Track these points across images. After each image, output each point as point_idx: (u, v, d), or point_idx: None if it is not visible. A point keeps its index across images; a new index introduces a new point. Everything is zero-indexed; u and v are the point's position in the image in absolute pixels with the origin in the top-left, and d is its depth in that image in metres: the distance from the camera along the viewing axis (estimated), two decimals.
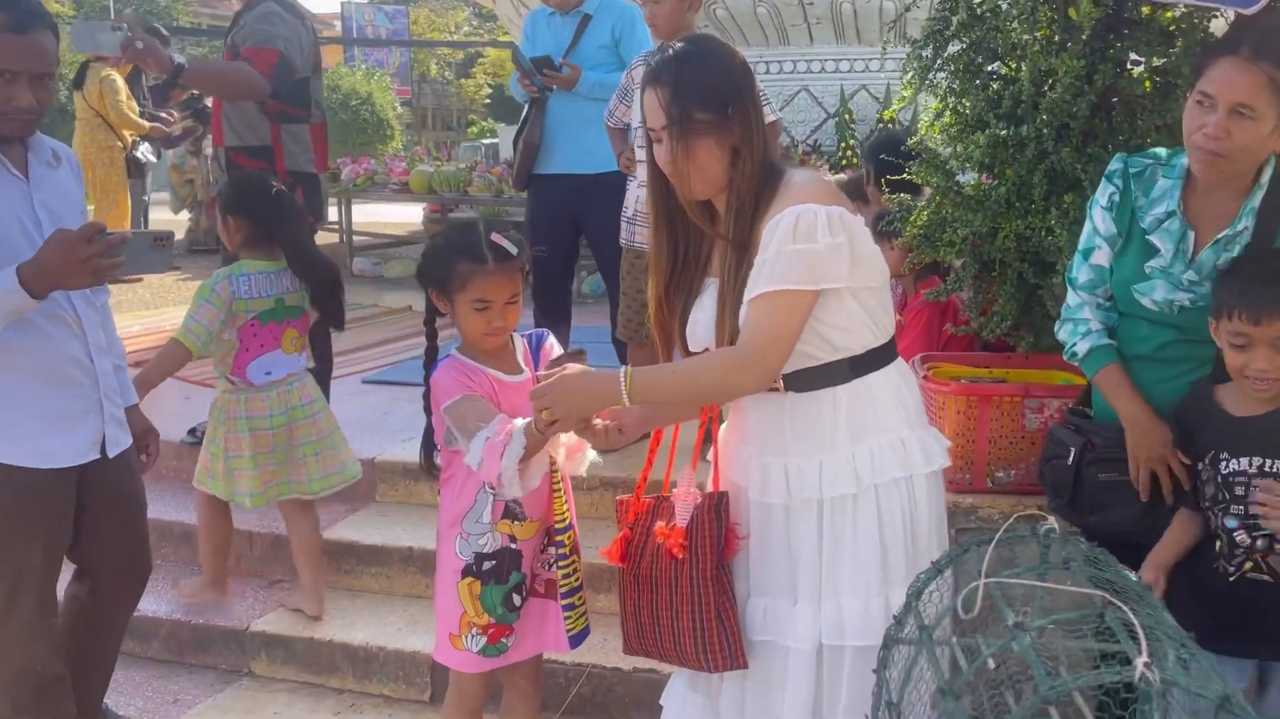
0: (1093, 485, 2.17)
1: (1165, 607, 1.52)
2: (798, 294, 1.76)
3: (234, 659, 3.27)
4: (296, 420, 3.17)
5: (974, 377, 2.88)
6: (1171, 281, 2.04)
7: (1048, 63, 2.63)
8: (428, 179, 7.53)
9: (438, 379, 2.19)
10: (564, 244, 4.58)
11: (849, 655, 1.84)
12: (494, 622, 2.23)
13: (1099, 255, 2.16)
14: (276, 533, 3.57)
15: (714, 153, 1.83)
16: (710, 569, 1.86)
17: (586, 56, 4.38)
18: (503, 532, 2.21)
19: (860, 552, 1.85)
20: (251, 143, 3.77)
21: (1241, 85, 1.85)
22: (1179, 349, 2.08)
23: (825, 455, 1.86)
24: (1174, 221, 2.04)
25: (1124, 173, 2.12)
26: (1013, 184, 2.73)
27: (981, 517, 2.75)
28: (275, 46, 3.65)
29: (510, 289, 2.16)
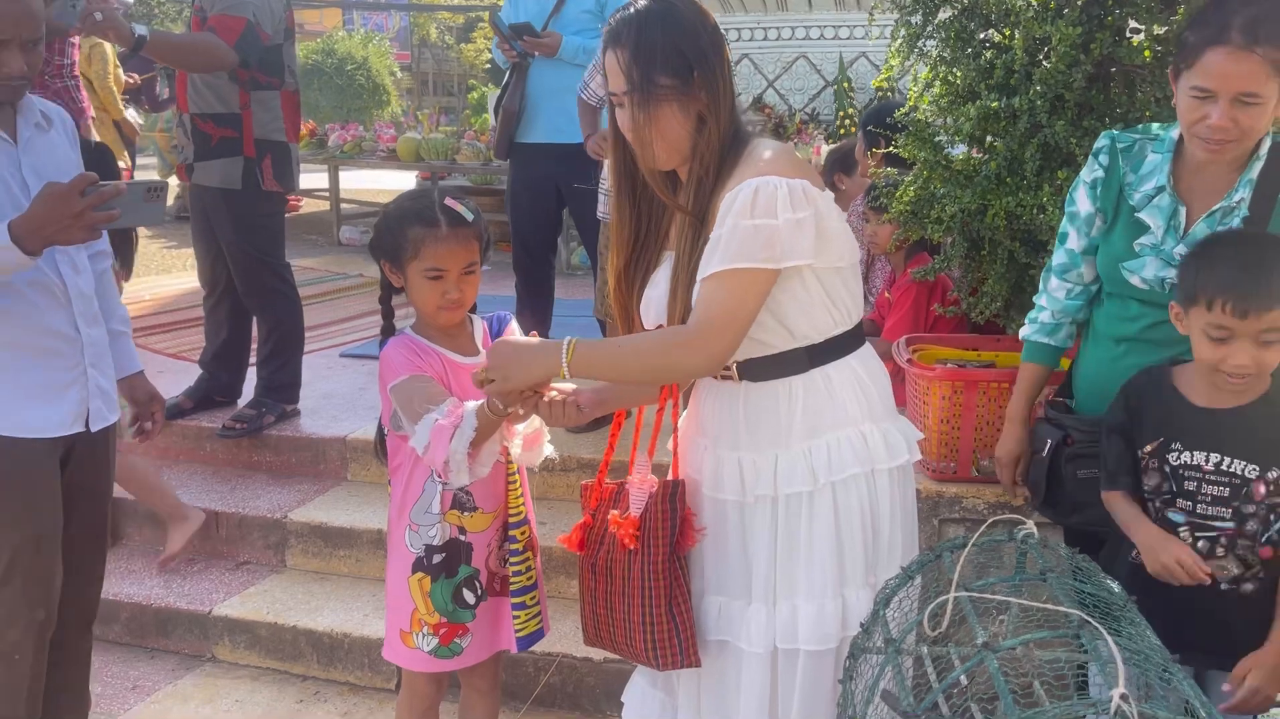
0: (1072, 483, 2.07)
1: (1147, 624, 1.41)
2: (754, 273, 1.64)
3: (196, 644, 3.19)
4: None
5: (960, 360, 2.76)
6: (1163, 258, 1.96)
7: (1042, 30, 2.48)
8: (416, 146, 7.38)
9: (386, 356, 2.06)
10: (546, 215, 4.45)
11: (802, 660, 1.74)
12: (445, 620, 2.12)
13: (1072, 239, 2.10)
14: (243, 513, 3.48)
15: (678, 119, 1.71)
16: (662, 561, 1.76)
17: (570, 21, 4.24)
18: (451, 523, 2.10)
19: (816, 552, 1.74)
20: (218, 110, 3.66)
21: (1241, 75, 1.76)
22: (1168, 330, 1.96)
23: (780, 451, 1.75)
24: (1164, 197, 1.96)
25: (1111, 149, 2.04)
26: (1004, 158, 2.59)
27: (966, 507, 2.64)
28: (243, 14, 3.54)
29: (465, 257, 2.03)
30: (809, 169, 1.74)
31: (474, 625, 2.14)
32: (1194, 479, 1.81)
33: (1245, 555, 1.79)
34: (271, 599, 3.23)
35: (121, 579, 3.33)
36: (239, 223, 3.72)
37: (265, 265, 3.81)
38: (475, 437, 1.88)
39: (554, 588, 3.20)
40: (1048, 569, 1.52)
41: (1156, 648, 1.33)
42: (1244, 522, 1.77)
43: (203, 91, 3.67)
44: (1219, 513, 1.80)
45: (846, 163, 3.92)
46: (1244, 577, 1.80)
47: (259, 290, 3.83)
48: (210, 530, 3.50)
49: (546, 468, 3.48)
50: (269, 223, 3.85)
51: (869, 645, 1.62)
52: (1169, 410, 1.85)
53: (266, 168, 3.71)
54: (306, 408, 4.00)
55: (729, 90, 1.74)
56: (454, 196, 2.09)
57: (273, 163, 3.73)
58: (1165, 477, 1.84)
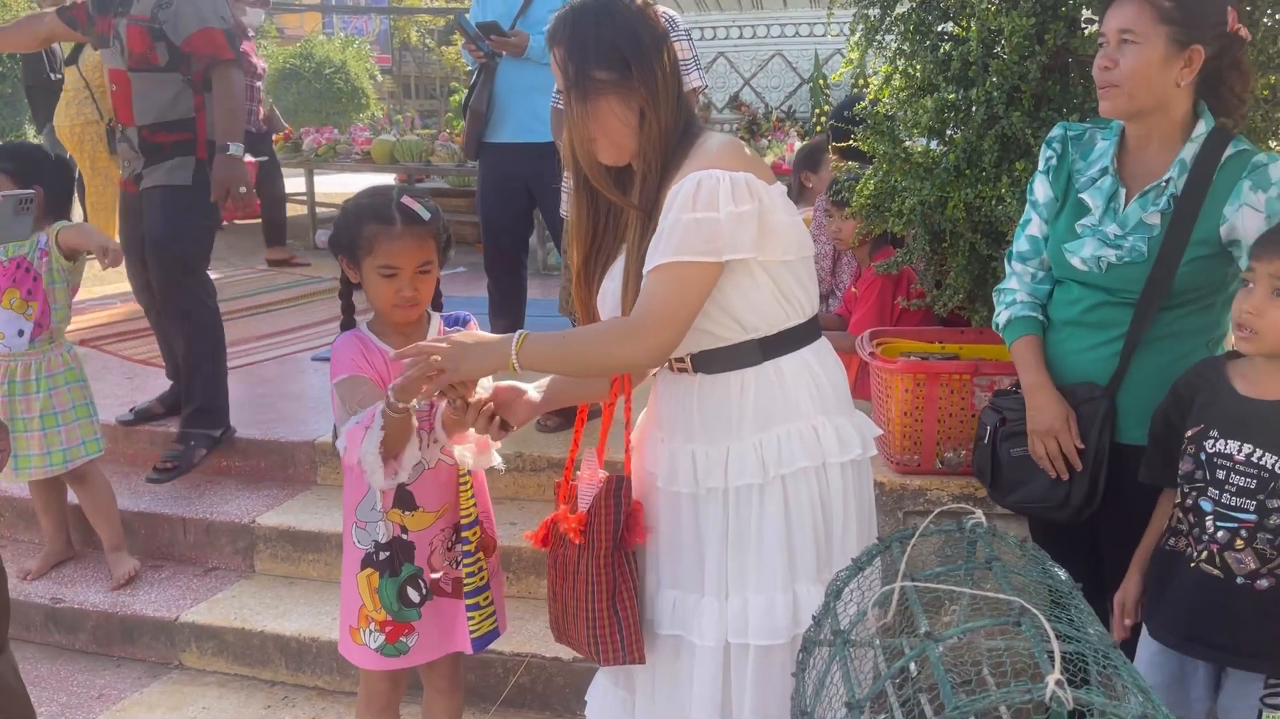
0: (1007, 462, 2.09)
1: (1092, 611, 1.40)
2: (696, 266, 1.64)
3: (163, 651, 3.16)
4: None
5: (923, 353, 2.76)
6: (1100, 238, 1.98)
7: (997, 22, 2.48)
8: (390, 148, 7.35)
9: (334, 350, 2.07)
10: (516, 214, 4.44)
11: (752, 654, 1.74)
12: (390, 618, 2.11)
13: (1032, 227, 2.12)
14: (210, 518, 3.45)
15: (617, 114, 1.70)
16: (604, 556, 1.76)
17: (537, 21, 4.22)
18: (394, 521, 2.10)
19: (766, 546, 1.74)
20: (170, 117, 3.55)
21: (1122, 14, 1.90)
22: (1105, 313, 2.00)
23: (732, 443, 1.74)
24: (1106, 179, 2.00)
25: (1063, 138, 2.08)
26: (962, 150, 2.59)
27: (930, 499, 2.64)
28: (214, 25, 3.50)
29: (420, 255, 2.02)
30: (757, 162, 1.73)
31: (420, 625, 2.14)
32: (1224, 468, 1.81)
33: (1264, 550, 1.77)
34: (240, 604, 3.21)
35: (87, 587, 3.30)
36: (172, 221, 3.55)
37: (187, 276, 3.63)
38: (385, 438, 1.87)
39: (524, 588, 3.19)
40: (994, 558, 1.51)
41: (1099, 633, 1.33)
42: (1267, 515, 1.76)
43: (151, 101, 3.55)
44: (1243, 504, 1.78)
45: (813, 160, 3.92)
46: (1259, 572, 1.78)
47: (175, 303, 3.67)
48: (178, 536, 3.47)
49: (517, 467, 3.49)
50: (202, 232, 3.69)
51: (820, 638, 1.61)
52: (1214, 398, 1.85)
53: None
54: (276, 412, 3.98)
55: (670, 85, 1.73)
56: (414, 195, 2.07)
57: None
58: (1200, 464, 1.84)
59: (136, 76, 3.53)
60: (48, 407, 3.19)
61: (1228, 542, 1.79)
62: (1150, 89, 1.89)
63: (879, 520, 2.63)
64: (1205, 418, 1.85)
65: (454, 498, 2.13)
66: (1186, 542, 1.87)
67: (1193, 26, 1.86)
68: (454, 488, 2.13)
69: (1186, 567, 1.85)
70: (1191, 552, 1.85)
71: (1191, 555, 1.85)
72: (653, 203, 1.72)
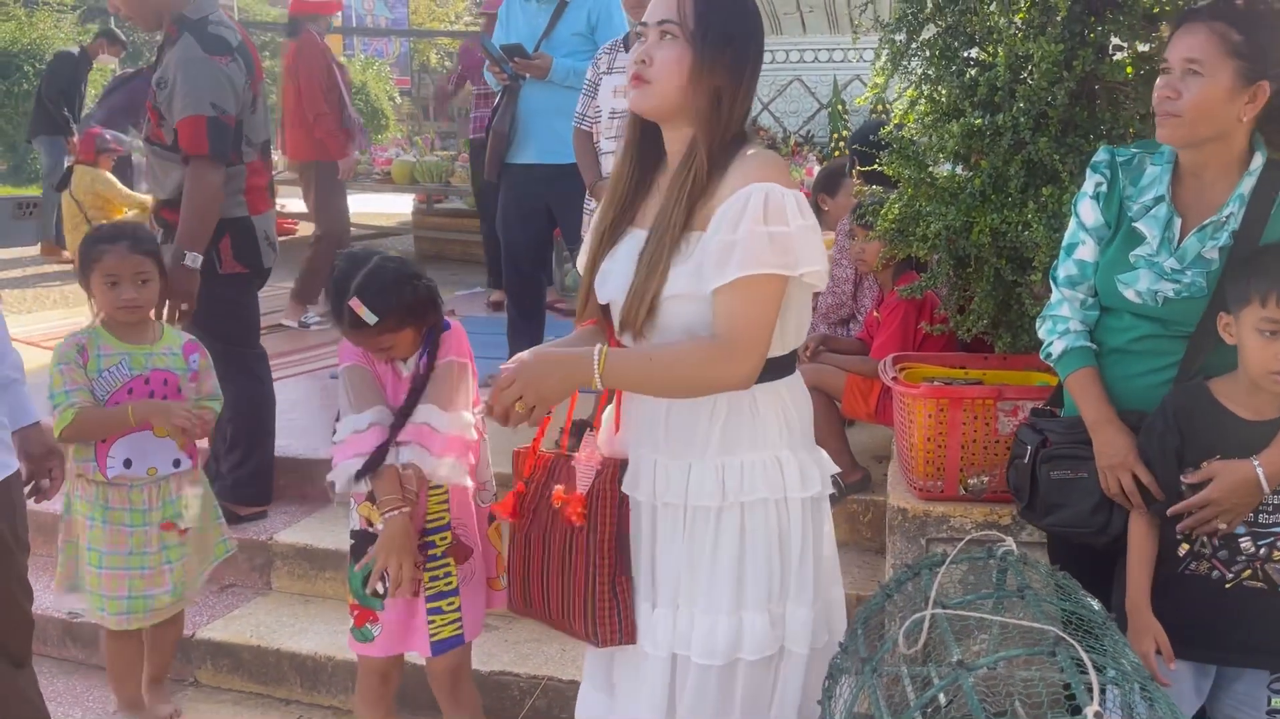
0: (1046, 484, 2.05)
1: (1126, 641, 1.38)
2: (775, 279, 1.64)
3: (179, 668, 3.14)
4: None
5: (947, 378, 2.74)
6: (1156, 271, 1.94)
7: (1025, 48, 2.48)
8: (410, 169, 7.40)
9: (341, 342, 2.26)
10: (536, 235, 4.46)
11: (693, 671, 1.74)
12: (358, 604, 2.26)
13: (1083, 250, 2.06)
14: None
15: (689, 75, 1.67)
16: (609, 540, 1.77)
17: (561, 44, 4.26)
18: (362, 514, 2.22)
19: (718, 568, 1.73)
20: (172, 195, 3.32)
21: (1188, 42, 1.86)
22: (1158, 343, 1.97)
23: (694, 460, 1.74)
24: (1162, 208, 1.95)
25: (1111, 163, 2.03)
26: (988, 175, 2.58)
27: (953, 526, 2.61)
28: (200, 112, 3.20)
29: (376, 345, 2.18)
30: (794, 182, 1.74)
31: (384, 617, 2.26)
32: None
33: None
34: (256, 622, 3.20)
35: None
36: (197, 311, 3.26)
37: (228, 354, 3.34)
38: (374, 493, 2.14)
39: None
40: (1025, 586, 1.49)
41: (1136, 665, 1.31)
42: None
43: (160, 178, 3.37)
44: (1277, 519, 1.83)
45: (830, 184, 3.91)
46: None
47: (219, 378, 3.33)
48: None
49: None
50: (232, 309, 3.45)
51: (846, 665, 1.60)
52: (1220, 427, 1.85)
53: (225, 249, 3.35)
54: (295, 430, 3.98)
55: (751, 81, 1.73)
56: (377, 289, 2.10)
57: (232, 243, 3.37)
58: None
59: (149, 149, 3.43)
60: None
61: (1267, 555, 1.84)
62: (1212, 121, 1.86)
63: (902, 547, 2.63)
64: (1219, 446, 1.84)
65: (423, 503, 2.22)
66: (1210, 565, 1.88)
67: (1262, 62, 1.83)
68: (422, 494, 2.21)
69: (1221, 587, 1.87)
70: (1218, 573, 1.86)
71: (1225, 576, 1.86)
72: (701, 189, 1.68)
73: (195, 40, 3.26)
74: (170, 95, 3.24)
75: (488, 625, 3.04)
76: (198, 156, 3.23)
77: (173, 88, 3.23)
